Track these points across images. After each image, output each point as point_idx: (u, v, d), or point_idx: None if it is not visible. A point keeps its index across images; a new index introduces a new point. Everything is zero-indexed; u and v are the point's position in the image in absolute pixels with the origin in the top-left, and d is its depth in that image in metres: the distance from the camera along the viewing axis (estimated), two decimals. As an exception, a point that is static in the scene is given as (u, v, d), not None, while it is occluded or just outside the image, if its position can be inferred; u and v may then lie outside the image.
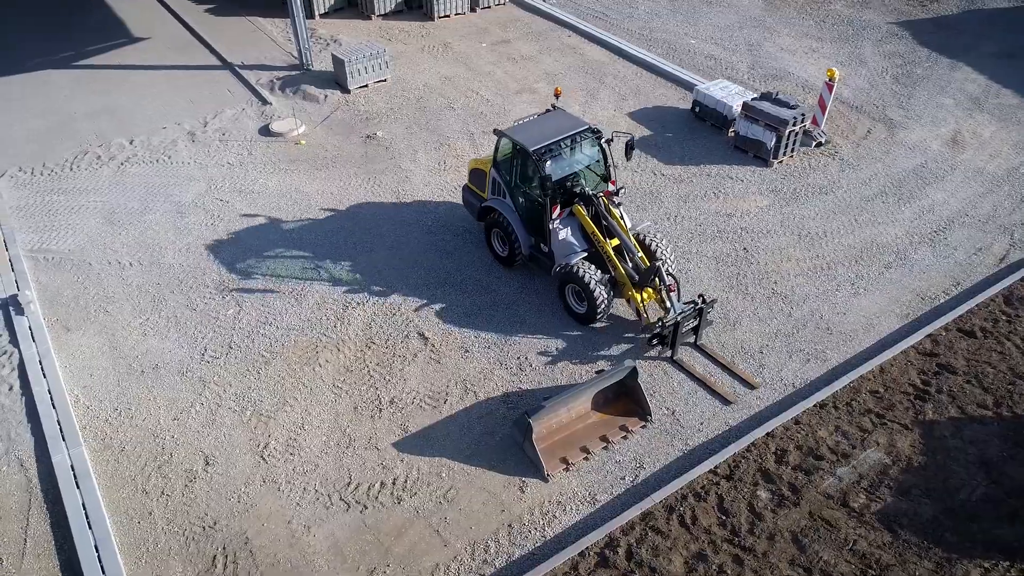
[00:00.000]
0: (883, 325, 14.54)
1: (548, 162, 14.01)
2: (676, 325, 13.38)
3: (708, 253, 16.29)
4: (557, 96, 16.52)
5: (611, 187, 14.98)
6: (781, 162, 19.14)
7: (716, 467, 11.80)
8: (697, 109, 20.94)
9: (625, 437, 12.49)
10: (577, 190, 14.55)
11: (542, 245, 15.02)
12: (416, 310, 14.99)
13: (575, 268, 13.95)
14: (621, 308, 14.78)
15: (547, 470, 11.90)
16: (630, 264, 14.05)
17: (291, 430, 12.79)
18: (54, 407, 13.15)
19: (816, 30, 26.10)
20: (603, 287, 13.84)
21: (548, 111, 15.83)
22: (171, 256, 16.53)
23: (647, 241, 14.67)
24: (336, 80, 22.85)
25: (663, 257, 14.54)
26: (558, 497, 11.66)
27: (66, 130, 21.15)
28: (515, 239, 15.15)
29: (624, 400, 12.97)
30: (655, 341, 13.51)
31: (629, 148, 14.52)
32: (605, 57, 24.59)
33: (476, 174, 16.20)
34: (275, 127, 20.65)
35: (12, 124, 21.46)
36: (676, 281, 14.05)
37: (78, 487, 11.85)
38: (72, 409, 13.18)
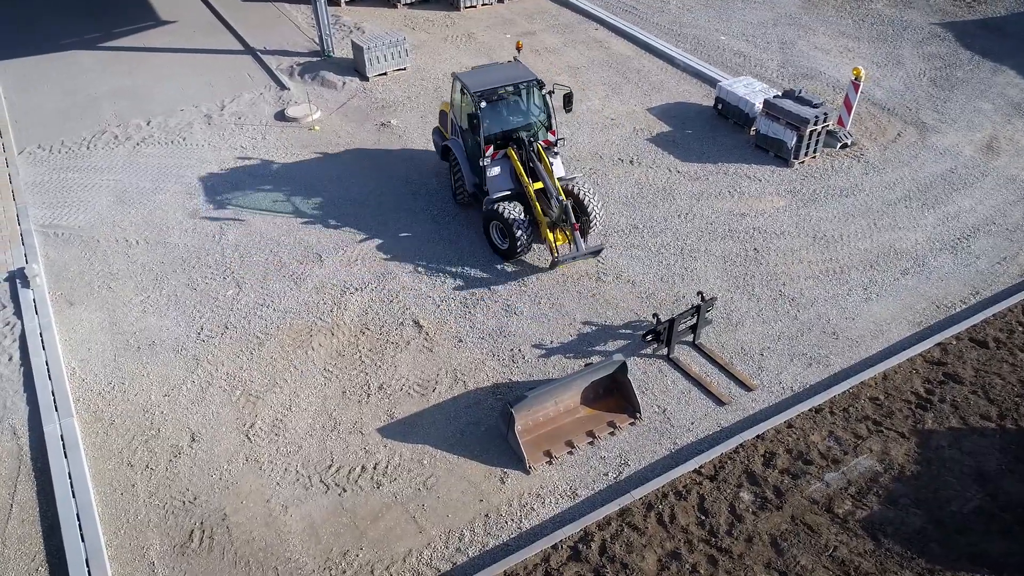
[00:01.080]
0: (892, 332, 14.42)
1: (483, 103, 15.60)
2: (672, 322, 13.45)
3: (716, 252, 16.31)
4: (519, 50, 19.00)
5: (551, 137, 16.29)
6: (802, 162, 19.04)
7: (701, 467, 11.86)
8: (719, 106, 20.93)
9: (612, 433, 12.59)
10: (515, 135, 16.05)
11: (484, 185, 16.38)
12: (413, 298, 15.27)
13: (498, 206, 15.39)
14: (623, 304, 14.91)
15: (529, 462, 12.07)
16: (555, 209, 15.30)
17: (278, 411, 13.15)
18: (50, 378, 13.71)
19: (854, 29, 25.85)
20: (523, 225, 15.20)
21: (508, 62, 17.23)
22: (177, 236, 17.07)
23: (576, 191, 15.81)
24: (355, 68, 23.31)
25: (591, 207, 15.73)
26: (538, 490, 11.82)
27: (87, 109, 21.93)
28: (460, 176, 16.85)
29: (615, 396, 13.08)
30: (650, 338, 13.59)
31: (567, 100, 16.13)
32: (631, 51, 24.68)
33: (443, 116, 17.86)
34: (290, 112, 21.15)
35: (37, 102, 22.33)
36: (585, 221, 15.60)
37: (66, 457, 12.34)
38: (67, 381, 13.72)
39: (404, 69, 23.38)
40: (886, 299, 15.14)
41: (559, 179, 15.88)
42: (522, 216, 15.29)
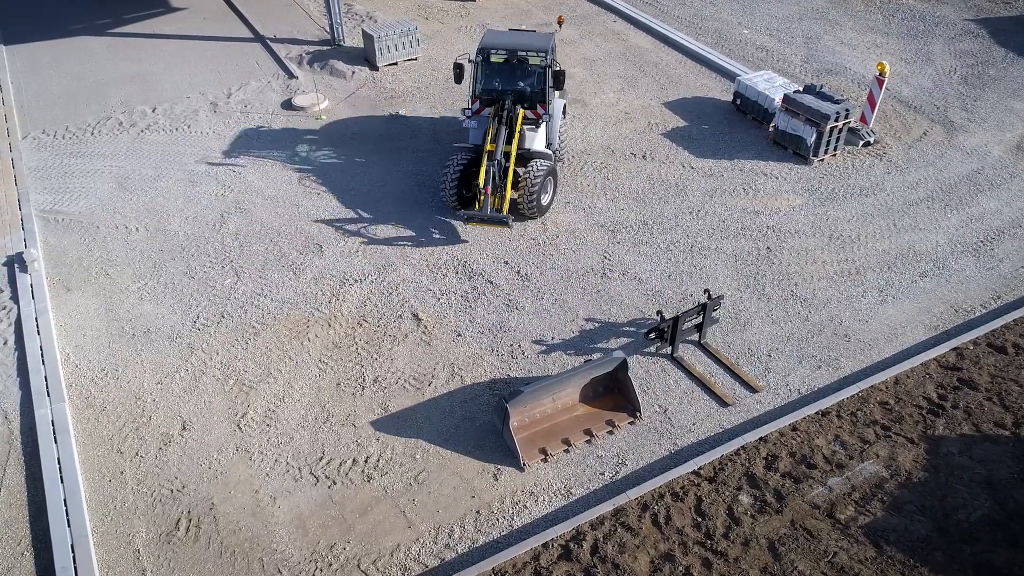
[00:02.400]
0: (907, 335, 14.36)
1: (480, 58, 17.03)
2: (676, 320, 13.48)
3: (728, 250, 16.31)
4: (560, 24, 20.67)
5: (540, 110, 17.26)
6: (822, 160, 18.98)
7: (700, 468, 11.89)
8: (738, 101, 20.91)
9: (611, 432, 12.65)
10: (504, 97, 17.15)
11: None
12: (413, 291, 15.43)
13: (452, 154, 16.91)
14: (629, 299, 14.97)
15: (523, 459, 12.16)
16: (493, 166, 16.25)
17: (271, 401, 13.34)
18: (43, 364, 14.02)
19: (883, 24, 25.70)
20: (454, 173, 16.52)
21: (549, 32, 18.39)
22: (177, 224, 17.35)
23: (530, 164, 16.63)
24: (366, 57, 23.55)
25: (529, 184, 16.41)
26: (532, 487, 11.91)
27: (94, 95, 22.35)
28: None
29: (614, 394, 13.14)
30: (654, 336, 13.64)
31: (556, 77, 16.69)
32: (649, 44, 24.71)
33: None
34: (297, 101, 21.41)
35: (45, 88, 22.80)
36: (502, 195, 16.26)
37: (56, 442, 12.62)
38: (61, 367, 14.01)
39: (415, 59, 23.58)
40: (902, 301, 15.07)
41: (530, 151, 17.00)
42: (457, 169, 16.58)
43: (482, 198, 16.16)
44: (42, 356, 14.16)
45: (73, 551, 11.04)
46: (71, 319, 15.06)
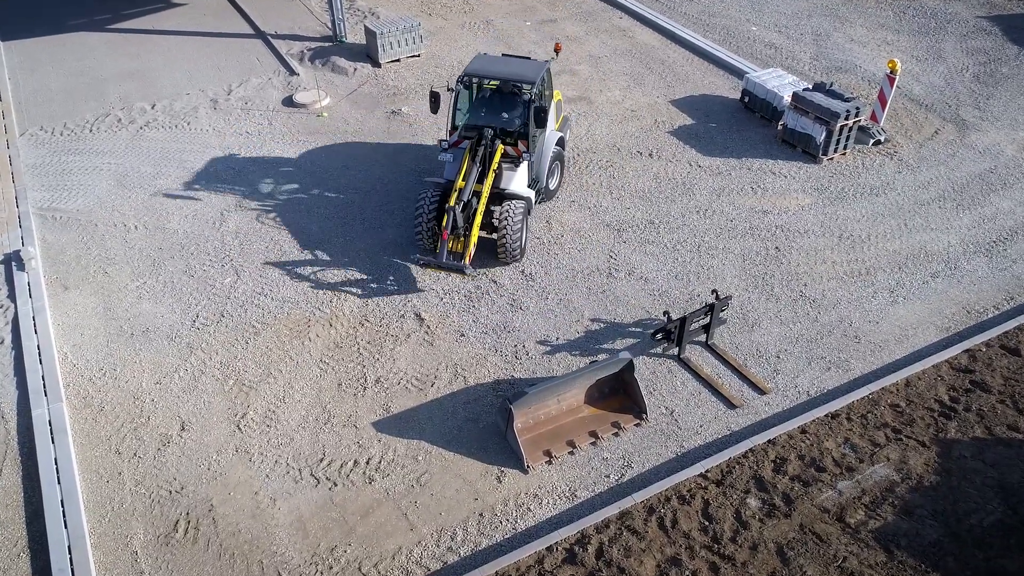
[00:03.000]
0: (918, 337, 14.33)
1: (460, 87, 15.96)
2: (683, 321, 13.46)
3: (735, 250, 16.29)
4: (557, 52, 18.73)
5: (521, 147, 16.00)
6: (831, 159, 18.96)
7: (707, 471, 11.86)
8: (746, 99, 20.90)
9: (616, 434, 12.63)
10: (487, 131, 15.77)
11: None
12: (416, 290, 15.42)
13: (422, 190, 15.69)
14: (626, 300, 14.95)
15: (527, 461, 12.15)
16: (455, 208, 14.79)
17: (271, 402, 13.34)
18: (41, 363, 14.03)
19: (894, 21, 25.67)
20: (427, 213, 15.35)
21: (544, 61, 17.03)
22: (176, 222, 17.37)
23: (504, 207, 15.34)
24: (368, 53, 23.58)
25: (505, 231, 15.18)
26: (536, 490, 11.89)
27: (92, 92, 22.39)
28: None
29: (620, 396, 13.13)
30: (660, 336, 13.62)
31: (537, 113, 15.70)
32: (656, 41, 24.71)
33: None
34: (298, 98, 21.43)
35: (43, 84, 22.85)
36: (465, 240, 14.87)
37: (53, 442, 12.62)
38: (58, 366, 14.02)
39: (418, 56, 23.61)
40: (913, 302, 15.04)
41: (505, 191, 15.57)
42: (430, 206, 15.40)
43: (439, 242, 14.79)
44: (39, 355, 14.17)
45: (70, 553, 11.03)
46: (69, 318, 15.07)
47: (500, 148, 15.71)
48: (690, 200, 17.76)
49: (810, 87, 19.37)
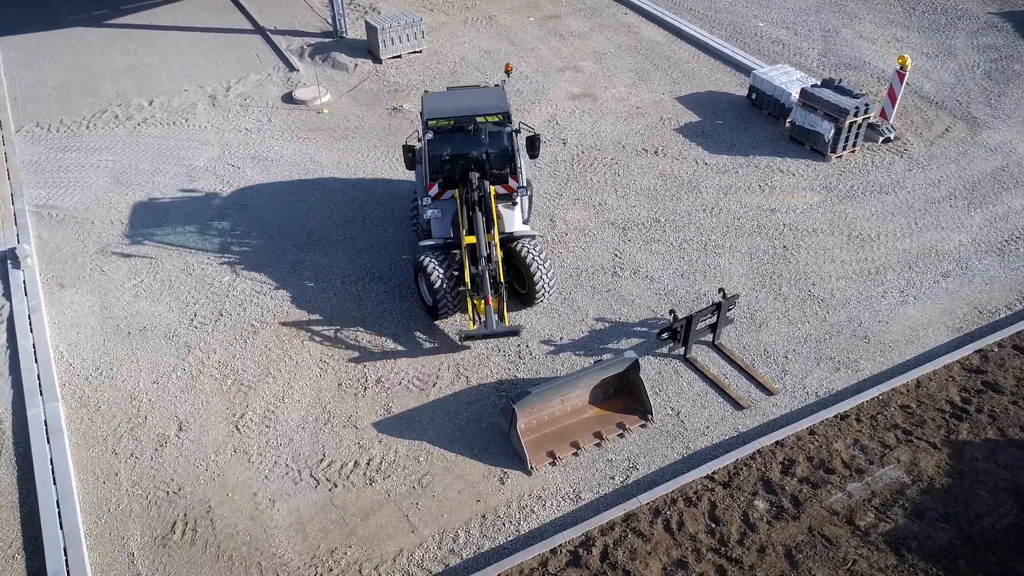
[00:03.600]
0: (929, 337, 14.29)
1: (431, 134, 14.22)
2: (689, 320, 13.43)
3: (742, 249, 16.26)
4: (507, 74, 16.49)
5: (512, 183, 14.66)
6: (840, 157, 18.92)
7: (714, 472, 11.83)
8: (754, 96, 20.86)
9: (621, 435, 12.60)
10: (467, 175, 14.38)
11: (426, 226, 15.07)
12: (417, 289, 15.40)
13: (424, 257, 13.98)
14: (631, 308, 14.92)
15: (531, 462, 12.12)
16: (487, 268, 13.58)
17: (270, 402, 13.33)
18: (36, 362, 14.04)
19: (903, 18, 25.62)
20: (447, 283, 13.76)
21: (495, 86, 15.84)
22: (174, 219, 17.37)
23: (523, 251, 14.13)
24: (368, 49, 23.58)
25: (538, 276, 14.08)
26: (539, 492, 11.87)
27: (89, 88, 22.42)
28: (415, 205, 15.85)
29: (625, 396, 13.11)
30: (666, 336, 13.59)
31: (531, 144, 14.54)
32: (661, 37, 24.69)
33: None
34: (298, 94, 21.44)
35: (39, 80, 22.88)
36: (501, 296, 13.65)
37: (49, 442, 12.63)
38: (54, 365, 14.03)
39: (420, 52, 23.61)
40: (924, 302, 15.00)
41: (511, 234, 14.56)
42: (447, 273, 13.85)
43: (482, 307, 13.62)
44: (35, 354, 14.18)
45: (66, 554, 11.03)
46: (65, 316, 15.07)
47: (492, 189, 14.41)
48: (696, 198, 17.74)
49: (818, 84, 19.34)
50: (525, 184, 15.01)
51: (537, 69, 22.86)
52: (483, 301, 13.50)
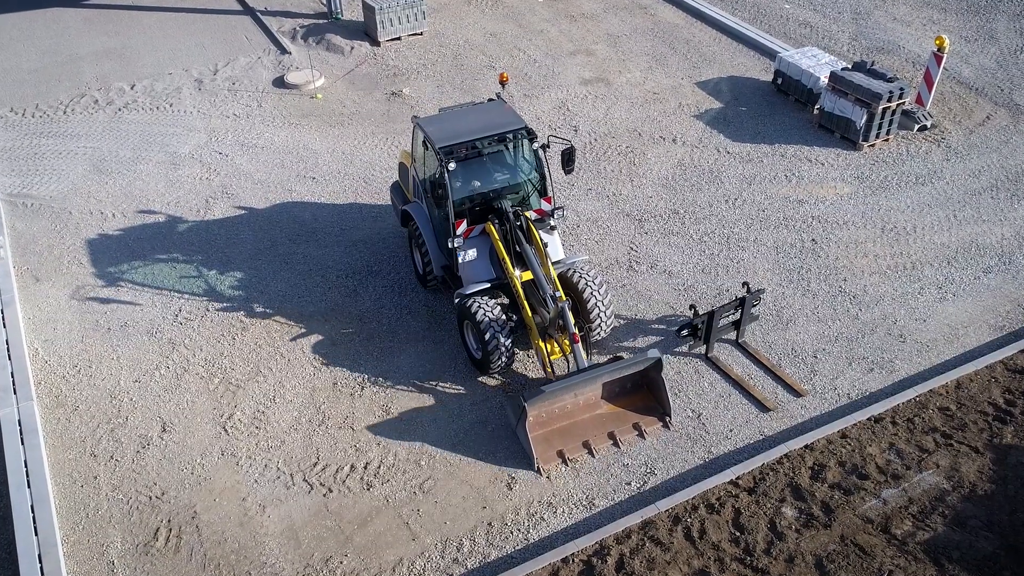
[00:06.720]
0: (970, 336, 14.29)
1: (452, 164, 13.03)
2: (711, 316, 13.43)
3: (768, 242, 16.29)
4: (503, 84, 15.24)
5: (545, 206, 14.04)
6: (872, 145, 18.95)
7: (738, 478, 11.83)
8: (779, 81, 20.91)
9: (639, 436, 12.60)
10: (496, 204, 13.65)
11: (457, 271, 14.14)
12: (419, 286, 15.43)
13: (470, 303, 13.11)
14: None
15: (539, 462, 12.13)
16: (548, 310, 12.95)
17: (260, 402, 13.37)
18: (10, 359, 14.09)
19: (940, -1, 25.69)
20: (501, 331, 12.89)
21: (489, 100, 15.08)
22: (158, 209, 17.47)
23: (576, 280, 13.52)
24: (366, 31, 23.73)
25: (593, 303, 13.46)
26: (549, 498, 11.87)
27: (67, 71, 22.58)
28: (427, 254, 14.51)
29: (642, 394, 13.11)
30: (686, 333, 13.58)
31: (567, 158, 13.88)
32: (680, 19, 24.78)
33: (402, 170, 15.48)
34: (290, 78, 21.56)
35: (14, 63, 23.04)
36: (587, 330, 13.23)
37: (23, 443, 12.67)
38: (29, 362, 14.08)
39: (420, 34, 23.74)
40: (964, 299, 15.00)
41: (555, 263, 13.75)
42: (502, 317, 12.98)
43: (568, 347, 12.81)
44: (8, 351, 14.23)
45: (41, 562, 11.03)
46: (40, 311, 15.15)
47: (528, 215, 13.70)
48: (718, 189, 17.77)
49: (849, 67, 19.38)
50: (560, 205, 14.39)
51: (547, 52, 22.96)
52: (568, 340, 12.51)
